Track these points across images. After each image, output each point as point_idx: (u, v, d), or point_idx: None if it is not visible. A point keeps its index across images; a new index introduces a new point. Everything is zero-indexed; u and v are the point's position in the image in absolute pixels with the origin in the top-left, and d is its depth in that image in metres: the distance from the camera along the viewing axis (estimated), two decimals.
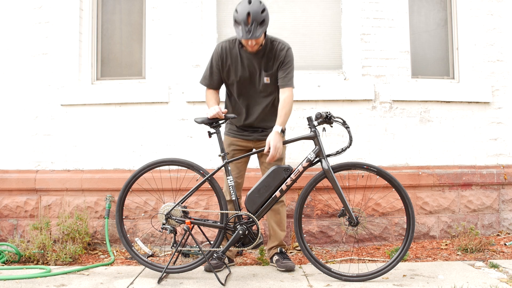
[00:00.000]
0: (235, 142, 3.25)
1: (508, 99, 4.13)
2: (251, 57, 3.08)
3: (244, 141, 3.24)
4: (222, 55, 3.11)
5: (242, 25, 2.87)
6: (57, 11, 4.07)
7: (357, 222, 2.88)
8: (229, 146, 3.25)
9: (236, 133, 3.25)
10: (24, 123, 4.06)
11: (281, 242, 3.30)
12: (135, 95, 4.00)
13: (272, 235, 3.30)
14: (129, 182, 3.12)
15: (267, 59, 3.08)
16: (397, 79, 4.04)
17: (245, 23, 2.85)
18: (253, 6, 2.86)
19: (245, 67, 3.10)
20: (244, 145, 3.25)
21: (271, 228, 3.28)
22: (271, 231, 3.30)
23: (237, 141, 3.25)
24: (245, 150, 3.25)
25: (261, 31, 2.88)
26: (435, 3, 4.31)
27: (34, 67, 4.07)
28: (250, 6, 2.86)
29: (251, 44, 2.95)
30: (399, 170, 3.93)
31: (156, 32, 4.04)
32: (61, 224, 3.62)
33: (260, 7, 2.88)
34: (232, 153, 3.23)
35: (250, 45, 2.97)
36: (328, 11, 4.18)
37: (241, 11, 2.87)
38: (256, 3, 2.88)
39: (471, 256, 3.44)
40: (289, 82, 3.07)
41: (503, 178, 4.02)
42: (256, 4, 2.88)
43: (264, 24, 2.90)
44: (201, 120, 3.02)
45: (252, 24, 2.84)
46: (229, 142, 3.26)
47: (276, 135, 2.93)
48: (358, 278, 2.87)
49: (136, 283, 2.92)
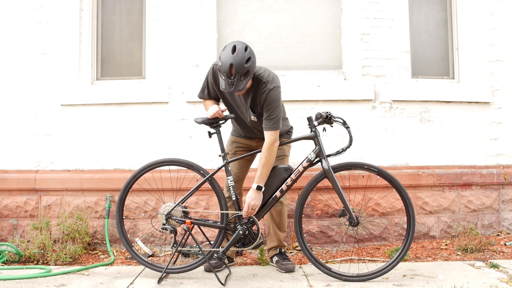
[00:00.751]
0: (238, 140, 3.28)
1: (508, 99, 4.13)
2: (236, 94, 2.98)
3: (247, 139, 3.25)
4: (215, 79, 2.99)
5: (225, 76, 2.74)
6: (57, 11, 4.07)
7: (357, 222, 2.88)
8: (232, 143, 3.27)
9: (239, 134, 3.27)
10: (24, 123, 4.06)
11: (280, 242, 3.30)
12: (135, 95, 4.00)
13: (272, 235, 3.30)
14: (129, 182, 3.12)
15: (253, 98, 2.94)
16: (397, 79, 4.04)
17: (228, 75, 2.72)
18: (237, 56, 2.70)
19: (235, 98, 3.02)
20: (246, 143, 3.26)
21: (271, 229, 3.28)
22: (271, 231, 3.29)
23: (240, 139, 3.27)
24: (248, 148, 3.25)
25: (245, 82, 2.74)
26: (435, 3, 4.31)
27: (34, 67, 4.07)
28: (233, 57, 2.70)
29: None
30: (399, 170, 3.93)
31: (156, 32, 4.04)
32: (61, 224, 3.62)
33: (245, 57, 2.72)
34: (235, 150, 3.24)
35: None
36: (328, 11, 4.18)
37: (224, 61, 2.72)
38: (240, 53, 2.72)
39: (471, 256, 3.44)
40: (273, 126, 2.89)
41: (503, 178, 4.02)
42: (240, 54, 2.72)
43: (249, 74, 2.75)
44: (201, 120, 3.02)
45: (235, 76, 2.71)
46: (232, 139, 3.29)
47: (252, 193, 2.89)
48: (358, 278, 2.87)
49: (136, 283, 2.92)
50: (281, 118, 3.01)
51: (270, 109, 2.88)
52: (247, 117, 3.06)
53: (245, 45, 2.79)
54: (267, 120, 2.89)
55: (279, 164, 3.03)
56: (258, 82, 2.91)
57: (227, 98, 3.06)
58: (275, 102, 2.89)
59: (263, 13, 4.20)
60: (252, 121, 3.05)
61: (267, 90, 2.87)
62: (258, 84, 2.91)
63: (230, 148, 3.28)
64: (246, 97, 2.96)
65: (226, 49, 2.78)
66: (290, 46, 4.18)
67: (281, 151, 3.22)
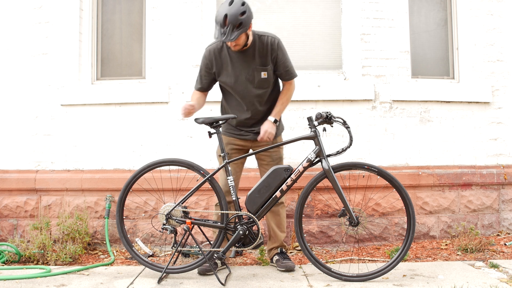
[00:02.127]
0: (233, 141, 3.24)
1: (508, 99, 4.13)
2: (242, 55, 3.06)
3: (242, 140, 3.23)
4: (210, 59, 3.09)
5: (218, 26, 2.84)
6: (57, 11, 4.07)
7: (357, 222, 2.88)
8: (226, 145, 3.23)
9: (234, 133, 3.24)
10: (24, 123, 4.06)
11: (281, 243, 3.30)
12: (135, 95, 4.00)
13: (272, 236, 3.29)
14: (130, 182, 3.12)
15: (260, 54, 3.06)
16: (397, 79, 4.04)
17: (221, 25, 2.82)
18: (232, 8, 2.81)
19: (237, 66, 3.08)
20: (241, 144, 3.24)
21: (271, 229, 3.28)
22: (271, 232, 3.29)
23: (235, 140, 3.24)
24: (243, 149, 3.25)
25: (237, 33, 2.82)
26: (435, 3, 4.31)
27: (34, 67, 4.07)
28: (229, 8, 2.81)
29: (231, 44, 2.94)
30: (399, 170, 3.94)
31: (156, 32, 4.04)
32: (61, 224, 3.62)
33: (240, 10, 2.82)
34: (230, 152, 3.22)
35: (230, 44, 2.96)
36: (328, 11, 4.18)
37: (220, 12, 2.84)
38: (236, 6, 2.83)
39: (471, 256, 3.44)
40: (291, 75, 3.14)
41: (503, 178, 4.03)
42: (236, 6, 2.82)
43: (242, 27, 2.83)
44: (201, 120, 3.02)
45: (228, 26, 2.80)
46: (226, 141, 3.24)
47: (268, 123, 3.07)
48: (358, 278, 2.87)
49: (136, 283, 2.92)
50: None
51: (286, 60, 3.10)
52: (253, 80, 3.08)
53: (243, 1, 2.88)
54: (287, 71, 3.12)
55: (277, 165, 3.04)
56: (262, 39, 3.06)
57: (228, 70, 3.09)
58: (286, 52, 3.12)
59: (263, 13, 4.21)
60: (261, 80, 3.08)
61: (276, 41, 3.07)
62: (262, 41, 3.06)
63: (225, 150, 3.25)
64: (251, 57, 3.05)
65: (224, 2, 2.88)
66: (290, 46, 4.15)
67: (277, 153, 3.24)
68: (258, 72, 3.07)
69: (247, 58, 3.06)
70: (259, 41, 3.06)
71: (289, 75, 3.14)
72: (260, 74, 3.07)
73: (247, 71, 3.08)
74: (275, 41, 3.07)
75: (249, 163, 3.49)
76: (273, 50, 3.06)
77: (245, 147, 3.25)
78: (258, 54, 3.06)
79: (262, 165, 3.25)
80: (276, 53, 3.07)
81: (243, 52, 3.04)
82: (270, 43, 3.06)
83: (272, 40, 3.07)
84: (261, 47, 3.06)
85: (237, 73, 3.08)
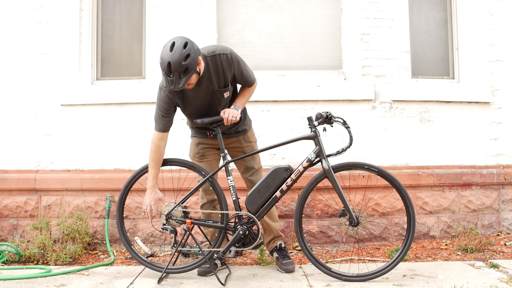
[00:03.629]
0: (203, 141, 3.17)
1: (508, 99, 4.13)
2: (199, 86, 2.86)
3: (212, 139, 3.13)
4: (169, 97, 2.90)
5: (164, 73, 2.69)
6: (57, 11, 4.07)
7: (357, 222, 2.88)
8: (197, 145, 3.18)
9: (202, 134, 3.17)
10: (24, 123, 4.06)
11: (277, 233, 3.27)
12: (135, 95, 4.00)
13: (266, 228, 3.27)
14: (130, 182, 3.12)
15: (217, 76, 2.87)
16: (397, 79, 4.04)
17: (167, 73, 2.67)
18: (174, 54, 2.63)
19: (198, 97, 2.92)
20: (211, 143, 3.15)
21: (264, 222, 3.24)
22: (264, 225, 3.25)
23: (205, 140, 3.16)
24: (215, 147, 3.15)
25: (185, 79, 2.67)
26: (435, 3, 4.31)
27: (34, 67, 4.07)
28: (171, 55, 2.64)
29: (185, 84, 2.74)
30: (399, 170, 3.94)
31: (156, 32, 4.03)
32: (61, 224, 3.62)
33: (183, 55, 2.63)
34: (202, 151, 3.16)
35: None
36: (328, 11, 4.18)
37: (163, 58, 2.67)
38: (178, 50, 2.64)
39: (471, 256, 3.44)
40: (251, 81, 3.02)
41: (503, 178, 4.03)
42: (178, 51, 2.64)
43: (188, 71, 2.66)
44: (201, 120, 3.01)
45: (173, 75, 2.65)
46: (197, 142, 3.18)
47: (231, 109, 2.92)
48: (358, 278, 2.87)
49: (136, 283, 2.92)
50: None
51: (242, 69, 2.93)
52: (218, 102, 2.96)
53: (185, 41, 2.69)
54: (245, 80, 2.98)
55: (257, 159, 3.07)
56: (214, 60, 2.84)
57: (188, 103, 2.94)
58: (240, 61, 2.91)
59: (263, 13, 4.21)
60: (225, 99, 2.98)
61: (229, 56, 2.84)
62: (215, 61, 2.84)
63: (197, 151, 3.17)
64: (209, 81, 2.87)
65: (165, 46, 2.71)
66: (290, 46, 4.18)
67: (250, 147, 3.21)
68: (221, 94, 2.94)
69: (205, 85, 2.88)
70: (211, 63, 2.84)
71: (249, 83, 3.01)
72: (223, 95, 2.94)
73: (209, 97, 2.93)
74: (228, 56, 2.84)
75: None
76: (229, 67, 2.86)
77: (216, 145, 3.14)
78: (215, 77, 2.87)
79: (238, 162, 3.20)
80: (233, 68, 2.88)
81: (199, 81, 2.84)
82: (223, 60, 2.84)
83: (224, 56, 2.84)
84: (216, 68, 2.85)
85: (199, 102, 2.95)
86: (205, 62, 2.83)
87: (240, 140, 3.19)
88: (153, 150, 2.99)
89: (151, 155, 3.01)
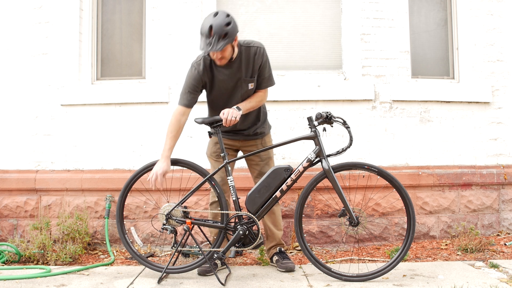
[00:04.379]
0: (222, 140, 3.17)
1: (508, 99, 4.13)
2: (228, 69, 2.99)
3: (231, 140, 3.22)
4: (198, 74, 3.00)
5: (204, 37, 2.81)
6: (57, 11, 4.07)
7: (357, 222, 2.88)
8: (215, 145, 3.22)
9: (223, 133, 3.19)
10: (24, 123, 4.06)
11: (279, 241, 3.29)
12: (135, 95, 4.00)
13: (269, 235, 3.29)
14: (130, 182, 3.12)
15: (246, 66, 3.01)
16: (397, 79, 4.04)
17: (207, 36, 2.78)
18: (217, 19, 2.80)
19: (224, 80, 3.02)
20: (230, 144, 3.23)
21: (268, 228, 3.28)
22: (268, 231, 3.29)
23: (223, 140, 3.17)
24: (232, 148, 3.24)
25: (223, 43, 2.78)
26: (435, 3, 4.31)
27: (34, 67, 4.07)
28: (214, 19, 2.79)
29: (216, 56, 2.88)
30: (399, 170, 3.94)
31: (156, 32, 4.04)
32: (61, 224, 3.62)
33: (225, 21, 2.79)
34: (219, 152, 3.17)
35: (216, 58, 2.89)
36: (328, 11, 4.18)
37: (205, 23, 2.81)
38: (221, 17, 2.81)
39: (471, 256, 3.44)
40: (271, 82, 3.13)
41: (503, 178, 4.03)
42: (221, 17, 2.81)
43: (228, 37, 2.79)
44: (201, 120, 3.02)
45: (213, 37, 2.76)
46: (215, 141, 3.23)
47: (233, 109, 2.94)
48: (358, 278, 2.87)
49: (136, 283, 2.92)
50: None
51: (267, 67, 3.07)
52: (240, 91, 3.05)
53: (228, 13, 2.87)
54: (266, 78, 3.09)
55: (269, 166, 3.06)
56: (248, 49, 3.01)
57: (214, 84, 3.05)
58: (268, 60, 3.08)
59: (263, 13, 4.21)
60: (248, 91, 3.06)
61: (260, 51, 3.02)
62: (248, 52, 3.01)
63: (214, 150, 3.22)
64: (237, 69, 3.00)
65: (209, 15, 2.88)
66: (290, 46, 4.18)
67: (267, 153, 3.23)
68: (245, 84, 3.03)
69: (234, 71, 3.00)
70: (245, 52, 3.00)
71: (268, 83, 3.11)
72: (247, 85, 3.04)
73: (234, 83, 3.03)
74: (261, 50, 3.02)
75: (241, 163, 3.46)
76: (259, 60, 3.01)
77: (234, 146, 3.25)
78: (244, 65, 3.00)
79: (251, 165, 3.26)
80: (261, 62, 3.02)
81: (230, 66, 2.98)
82: (256, 52, 3.00)
83: (258, 50, 3.01)
84: (247, 58, 3.01)
85: (224, 87, 3.04)
86: (239, 50, 2.99)
87: (257, 144, 3.23)
88: (173, 123, 3.04)
89: (170, 127, 3.05)
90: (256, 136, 3.23)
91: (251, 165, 3.26)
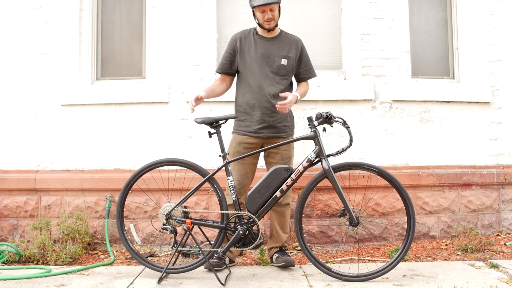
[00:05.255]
0: (245, 140, 3.19)
1: (508, 99, 4.13)
2: (266, 41, 3.22)
3: (254, 138, 3.19)
4: (236, 40, 3.25)
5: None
6: (57, 11, 4.07)
7: (357, 222, 2.88)
8: (239, 144, 3.19)
9: (246, 131, 3.19)
10: (24, 123, 4.06)
11: (282, 243, 3.30)
12: (135, 95, 4.00)
13: (274, 236, 3.29)
14: (130, 182, 3.12)
15: (282, 44, 3.23)
16: (397, 79, 4.04)
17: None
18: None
19: (259, 49, 3.20)
20: (254, 142, 3.19)
21: (274, 229, 3.28)
22: (273, 232, 3.29)
23: (247, 138, 3.19)
24: (255, 148, 3.20)
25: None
26: (435, 3, 4.31)
27: (34, 67, 4.07)
28: None
29: (268, 17, 3.08)
30: (399, 170, 3.94)
31: (156, 32, 4.04)
32: (61, 224, 3.62)
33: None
34: (243, 151, 3.17)
35: (265, 20, 3.10)
36: (328, 11, 4.18)
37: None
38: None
39: (471, 256, 3.44)
40: (312, 73, 3.35)
41: (503, 178, 4.03)
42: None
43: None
44: (201, 120, 3.02)
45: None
46: (238, 140, 3.20)
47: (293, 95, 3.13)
48: (358, 278, 2.88)
49: (136, 283, 2.92)
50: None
51: (308, 59, 3.33)
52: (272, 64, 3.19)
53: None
54: (308, 69, 3.32)
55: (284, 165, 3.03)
56: (289, 35, 3.30)
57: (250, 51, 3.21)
58: (307, 53, 3.34)
59: None
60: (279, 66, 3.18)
61: (300, 43, 3.31)
62: (288, 36, 3.29)
63: (237, 149, 3.18)
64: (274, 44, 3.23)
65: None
66: None
67: (288, 153, 3.23)
68: (278, 58, 3.19)
69: (271, 45, 3.22)
70: (286, 36, 3.28)
71: (309, 73, 3.33)
72: (280, 60, 3.19)
73: (268, 54, 3.20)
74: (300, 40, 3.31)
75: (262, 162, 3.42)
76: (297, 46, 3.26)
77: (257, 146, 3.21)
78: (282, 44, 3.23)
79: (270, 164, 3.21)
80: (300, 50, 3.26)
81: (268, 39, 3.22)
82: (296, 40, 3.29)
83: (298, 38, 3.31)
84: (286, 40, 3.26)
85: (258, 55, 3.19)
86: (280, 31, 3.28)
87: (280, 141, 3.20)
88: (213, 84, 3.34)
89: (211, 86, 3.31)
90: (280, 134, 3.22)
91: (270, 163, 3.23)
